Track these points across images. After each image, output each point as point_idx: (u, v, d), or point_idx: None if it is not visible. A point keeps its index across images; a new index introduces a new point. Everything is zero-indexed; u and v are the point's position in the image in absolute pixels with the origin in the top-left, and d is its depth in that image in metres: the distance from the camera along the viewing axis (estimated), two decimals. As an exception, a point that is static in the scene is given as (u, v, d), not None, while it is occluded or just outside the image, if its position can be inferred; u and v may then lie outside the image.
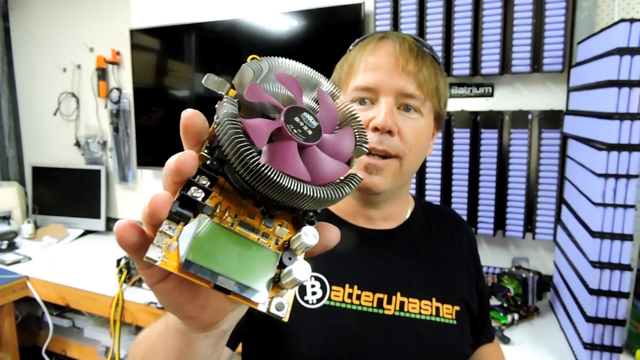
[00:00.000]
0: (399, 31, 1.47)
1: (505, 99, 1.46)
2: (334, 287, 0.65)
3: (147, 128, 2.10)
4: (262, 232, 0.28)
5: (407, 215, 0.75)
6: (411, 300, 0.67)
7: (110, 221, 2.33)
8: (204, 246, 0.25)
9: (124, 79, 2.20)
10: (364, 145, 0.31)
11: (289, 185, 0.25)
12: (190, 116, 0.27)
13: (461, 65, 1.42)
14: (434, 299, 0.68)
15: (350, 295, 0.65)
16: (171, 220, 0.25)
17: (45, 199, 2.37)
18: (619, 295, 0.98)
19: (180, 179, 0.26)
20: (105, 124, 2.28)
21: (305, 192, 0.25)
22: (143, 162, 2.11)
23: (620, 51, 0.92)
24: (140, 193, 2.25)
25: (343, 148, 0.30)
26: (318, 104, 0.32)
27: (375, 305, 0.65)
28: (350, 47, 0.72)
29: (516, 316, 1.26)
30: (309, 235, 0.28)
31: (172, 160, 0.25)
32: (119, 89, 2.20)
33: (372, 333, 0.63)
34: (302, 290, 0.65)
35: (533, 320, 1.29)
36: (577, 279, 1.08)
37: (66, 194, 2.35)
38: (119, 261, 1.60)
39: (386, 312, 0.65)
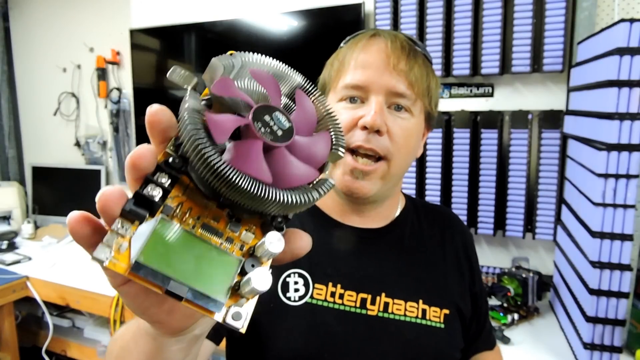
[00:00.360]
0: (399, 31, 1.48)
1: (505, 99, 1.46)
2: (317, 285, 0.64)
3: (147, 128, 2.09)
4: (226, 237, 0.27)
5: (397, 214, 0.74)
6: (396, 301, 0.65)
7: (110, 221, 2.33)
8: (159, 248, 0.24)
9: (124, 79, 2.20)
10: (340, 149, 0.29)
11: (246, 186, 0.23)
12: (155, 112, 0.25)
13: (461, 65, 1.42)
14: (420, 301, 0.66)
15: (333, 294, 0.64)
16: (124, 219, 0.23)
17: (45, 199, 2.37)
18: (619, 295, 0.98)
19: (138, 175, 0.24)
20: (105, 124, 2.28)
21: (265, 194, 0.23)
22: (143, 162, 2.11)
23: (620, 51, 0.92)
24: (140, 193, 2.25)
25: (316, 152, 0.28)
26: (295, 104, 0.30)
27: (358, 305, 0.64)
28: (342, 44, 0.71)
29: (516, 316, 1.26)
30: (273, 243, 0.26)
31: (129, 155, 0.24)
32: (119, 89, 2.20)
33: (354, 333, 0.62)
34: (285, 286, 0.64)
35: (533, 320, 1.29)
36: (577, 279, 1.08)
37: (66, 194, 2.35)
38: (119, 261, 1.60)
39: (369, 312, 0.64)
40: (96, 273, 1.72)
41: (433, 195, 1.50)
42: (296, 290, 0.64)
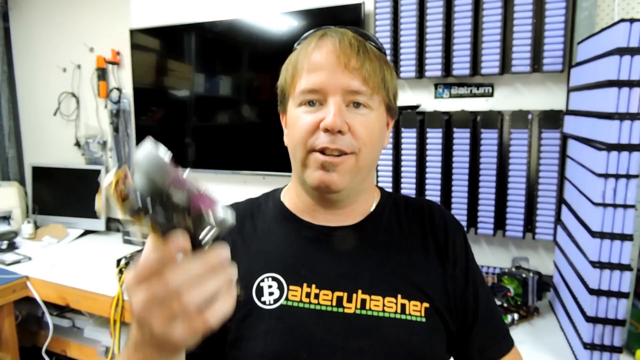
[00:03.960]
0: (399, 31, 1.48)
1: (505, 98, 1.46)
2: (291, 287, 0.66)
3: (147, 128, 2.09)
4: None
5: (372, 209, 0.74)
6: (374, 297, 0.65)
7: (110, 221, 2.33)
8: None
9: (124, 79, 2.20)
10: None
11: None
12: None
13: (461, 65, 1.42)
14: (399, 296, 0.66)
15: (308, 295, 0.65)
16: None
17: (45, 199, 2.37)
18: (619, 295, 0.98)
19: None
20: (105, 124, 2.28)
21: None
22: (143, 162, 2.11)
23: (620, 51, 0.92)
24: (140, 193, 2.24)
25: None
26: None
27: (334, 303, 0.64)
28: (295, 46, 0.72)
29: (516, 316, 1.26)
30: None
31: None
32: (119, 89, 2.20)
33: (331, 332, 0.62)
34: (259, 291, 0.66)
35: (533, 320, 1.29)
36: (577, 279, 1.08)
37: (66, 194, 2.35)
38: (119, 261, 1.60)
39: (346, 310, 0.64)
40: (96, 273, 1.72)
41: (433, 195, 1.49)
42: (271, 293, 0.65)
